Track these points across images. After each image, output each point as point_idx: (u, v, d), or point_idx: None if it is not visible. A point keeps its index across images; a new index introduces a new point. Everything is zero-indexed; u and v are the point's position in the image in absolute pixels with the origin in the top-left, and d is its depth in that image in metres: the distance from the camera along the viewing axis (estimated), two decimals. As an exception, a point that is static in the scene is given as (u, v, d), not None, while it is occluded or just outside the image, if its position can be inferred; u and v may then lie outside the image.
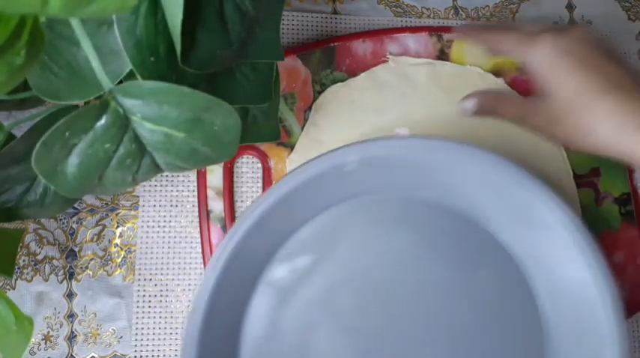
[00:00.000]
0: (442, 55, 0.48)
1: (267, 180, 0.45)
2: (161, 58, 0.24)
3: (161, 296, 0.44)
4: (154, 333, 0.43)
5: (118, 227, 0.45)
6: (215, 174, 0.44)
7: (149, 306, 0.44)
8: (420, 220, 0.39)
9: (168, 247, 0.45)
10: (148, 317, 0.44)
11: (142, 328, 0.43)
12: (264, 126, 0.34)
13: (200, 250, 0.44)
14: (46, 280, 0.44)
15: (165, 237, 0.45)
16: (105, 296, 0.44)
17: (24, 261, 0.44)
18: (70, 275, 0.44)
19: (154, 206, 0.45)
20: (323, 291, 0.37)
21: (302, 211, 0.37)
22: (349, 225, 0.38)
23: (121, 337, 0.44)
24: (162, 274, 0.44)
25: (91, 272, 0.44)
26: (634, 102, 0.32)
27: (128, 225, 0.45)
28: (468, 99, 0.39)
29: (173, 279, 0.44)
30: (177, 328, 0.44)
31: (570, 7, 0.54)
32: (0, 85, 0.18)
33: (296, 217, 0.37)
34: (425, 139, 0.35)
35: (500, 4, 0.53)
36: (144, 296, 0.44)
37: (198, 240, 0.44)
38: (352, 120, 0.45)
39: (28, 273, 0.44)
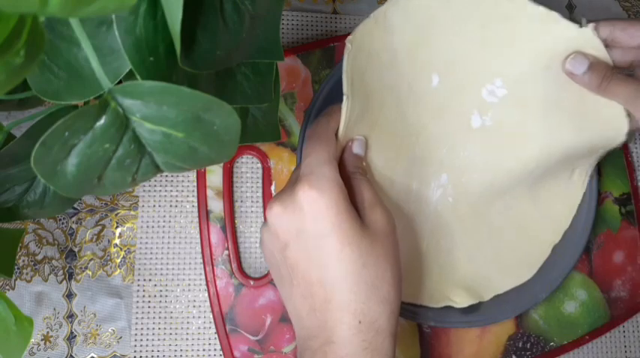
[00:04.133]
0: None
1: (267, 180, 0.45)
2: (161, 57, 0.24)
3: (160, 296, 0.44)
4: (153, 334, 0.43)
5: (117, 227, 0.45)
6: (215, 174, 0.44)
7: (149, 307, 0.44)
8: None
9: (168, 247, 0.44)
10: (148, 318, 0.43)
11: (142, 328, 0.43)
12: (264, 126, 0.34)
13: (200, 250, 0.44)
14: (46, 280, 0.44)
15: (164, 237, 0.45)
16: (104, 296, 0.44)
17: (23, 261, 0.44)
18: (70, 276, 0.44)
19: (154, 206, 0.45)
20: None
21: None
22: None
23: (121, 337, 0.44)
24: (161, 274, 0.44)
25: (90, 273, 0.44)
26: None
27: (128, 225, 0.45)
28: (579, 60, 0.35)
29: (173, 280, 0.44)
30: (176, 328, 0.44)
31: (570, 7, 0.54)
32: (-1, 84, 0.18)
33: None
34: None
35: (500, 4, 0.53)
36: (143, 296, 0.44)
37: (198, 240, 0.44)
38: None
39: (27, 273, 0.44)
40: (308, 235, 0.31)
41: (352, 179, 0.35)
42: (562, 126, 0.40)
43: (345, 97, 0.35)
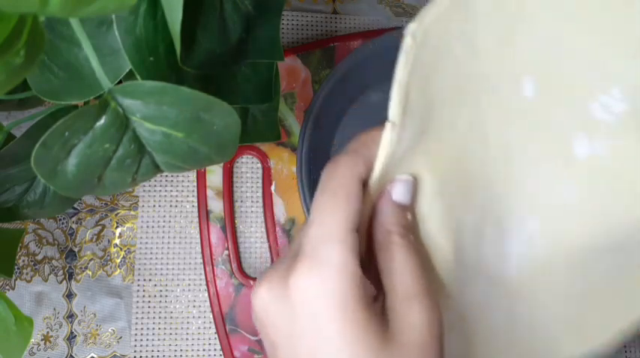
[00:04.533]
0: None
1: (267, 180, 0.45)
2: (160, 57, 0.24)
3: (160, 296, 0.44)
4: (153, 333, 0.43)
5: (117, 227, 0.45)
6: (215, 174, 0.44)
7: (148, 307, 0.44)
8: None
9: (168, 247, 0.44)
10: (148, 318, 0.43)
11: (142, 328, 0.43)
12: (264, 126, 0.34)
13: (200, 250, 0.44)
14: (46, 280, 0.44)
15: (164, 237, 0.45)
16: (104, 296, 0.44)
17: (23, 261, 0.44)
18: (70, 276, 0.44)
19: (154, 206, 0.45)
20: None
21: None
22: None
23: (121, 337, 0.44)
24: (161, 274, 0.44)
25: (90, 273, 0.44)
26: None
27: (128, 225, 0.45)
28: None
29: (173, 280, 0.44)
30: (176, 328, 0.44)
31: (570, 7, 0.54)
32: (-1, 84, 0.18)
33: None
34: None
35: (500, 4, 0.53)
36: (143, 296, 0.44)
37: (198, 240, 0.44)
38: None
39: (27, 273, 0.44)
40: (301, 349, 0.21)
41: (385, 248, 0.24)
42: None
43: (389, 125, 0.24)
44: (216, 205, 0.44)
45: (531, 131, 0.29)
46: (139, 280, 0.44)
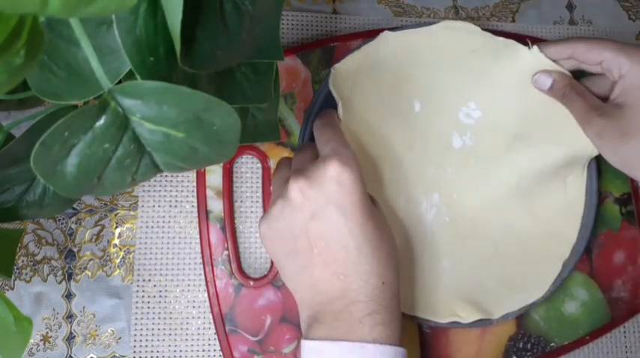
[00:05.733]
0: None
1: (267, 180, 0.45)
2: (160, 57, 0.24)
3: (160, 297, 0.44)
4: (152, 334, 0.43)
5: (117, 227, 0.45)
6: (215, 174, 0.44)
7: (148, 307, 0.44)
8: None
9: (168, 248, 0.44)
10: (147, 318, 0.43)
11: (141, 329, 0.43)
12: (264, 126, 0.34)
13: (199, 250, 0.44)
14: (45, 281, 0.44)
15: (164, 237, 0.45)
16: (104, 296, 0.44)
17: (23, 261, 0.44)
18: (69, 276, 0.44)
19: (153, 206, 0.45)
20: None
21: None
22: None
23: (120, 338, 0.44)
24: (161, 275, 0.44)
25: (89, 273, 0.44)
26: None
27: (127, 225, 0.45)
28: (545, 75, 0.41)
29: (172, 280, 0.44)
30: (176, 329, 0.44)
31: (570, 7, 0.54)
32: (-1, 84, 0.18)
33: None
34: None
35: (501, 4, 0.53)
36: (143, 296, 0.44)
37: (198, 240, 0.44)
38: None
39: (26, 274, 0.44)
40: (335, 207, 0.33)
41: None
42: (537, 141, 0.43)
43: (339, 104, 0.41)
44: (215, 205, 0.44)
45: (424, 133, 0.45)
46: (138, 280, 0.44)
